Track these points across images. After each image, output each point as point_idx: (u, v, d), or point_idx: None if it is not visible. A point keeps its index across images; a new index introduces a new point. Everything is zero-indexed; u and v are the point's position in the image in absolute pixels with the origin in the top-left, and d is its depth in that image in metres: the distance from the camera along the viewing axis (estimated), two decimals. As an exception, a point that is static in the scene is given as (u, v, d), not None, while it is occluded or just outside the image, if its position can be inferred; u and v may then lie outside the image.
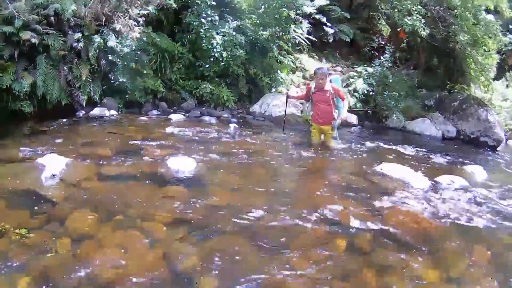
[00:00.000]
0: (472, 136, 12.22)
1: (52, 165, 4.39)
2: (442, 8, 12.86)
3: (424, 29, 11.74)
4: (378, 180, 5.56)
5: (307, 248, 3.34)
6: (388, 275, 3.08)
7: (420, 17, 11.77)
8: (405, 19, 11.79)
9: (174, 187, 4.33)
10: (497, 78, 18.08)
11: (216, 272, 2.79)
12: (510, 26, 20.36)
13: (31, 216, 3.36)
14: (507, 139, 14.19)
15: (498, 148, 11.94)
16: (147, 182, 4.46)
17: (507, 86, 18.68)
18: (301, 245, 3.36)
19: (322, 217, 4.02)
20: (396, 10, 12.39)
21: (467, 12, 12.49)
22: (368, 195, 4.81)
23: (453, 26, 12.70)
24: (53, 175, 4.23)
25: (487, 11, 14.13)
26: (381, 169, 6.03)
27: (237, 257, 3.02)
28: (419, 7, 11.97)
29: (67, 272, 2.58)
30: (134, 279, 2.60)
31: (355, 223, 3.96)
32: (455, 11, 12.64)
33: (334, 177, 5.85)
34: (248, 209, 3.88)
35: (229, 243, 3.23)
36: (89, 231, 3.15)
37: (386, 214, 4.26)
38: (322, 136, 7.08)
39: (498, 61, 15.75)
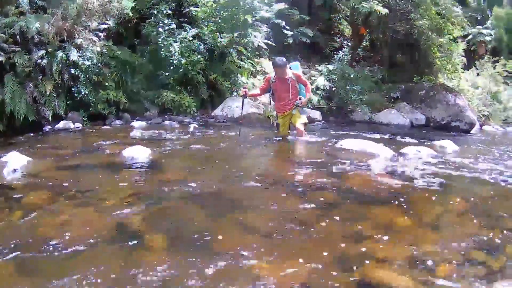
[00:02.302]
0: (442, 122, 12.23)
1: (14, 162, 4.69)
2: (402, 1, 13.22)
3: (382, 8, 11.97)
4: (337, 154, 5.65)
5: (261, 207, 3.43)
6: (355, 224, 3.03)
7: (377, 1, 12.14)
8: (362, 3, 12.17)
9: (128, 171, 4.67)
10: (466, 68, 18.91)
11: (164, 231, 2.90)
12: (478, 18, 21.39)
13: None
14: (481, 125, 14.28)
15: (471, 131, 11.96)
16: (103, 169, 4.81)
17: (478, 74, 19.54)
18: (255, 206, 3.46)
19: (276, 182, 4.20)
20: None
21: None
22: (328, 164, 4.98)
23: (413, 14, 13.01)
24: (15, 170, 4.52)
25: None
26: (341, 144, 6.00)
27: (187, 219, 3.15)
28: None
29: (15, 236, 2.78)
30: (81, 238, 2.74)
31: (313, 184, 4.09)
32: None
33: (292, 155, 6.13)
34: (200, 182, 4.06)
35: (178, 207, 3.42)
36: (41, 204, 3.43)
37: (348, 177, 4.41)
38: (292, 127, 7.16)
39: (465, 48, 16.18)
